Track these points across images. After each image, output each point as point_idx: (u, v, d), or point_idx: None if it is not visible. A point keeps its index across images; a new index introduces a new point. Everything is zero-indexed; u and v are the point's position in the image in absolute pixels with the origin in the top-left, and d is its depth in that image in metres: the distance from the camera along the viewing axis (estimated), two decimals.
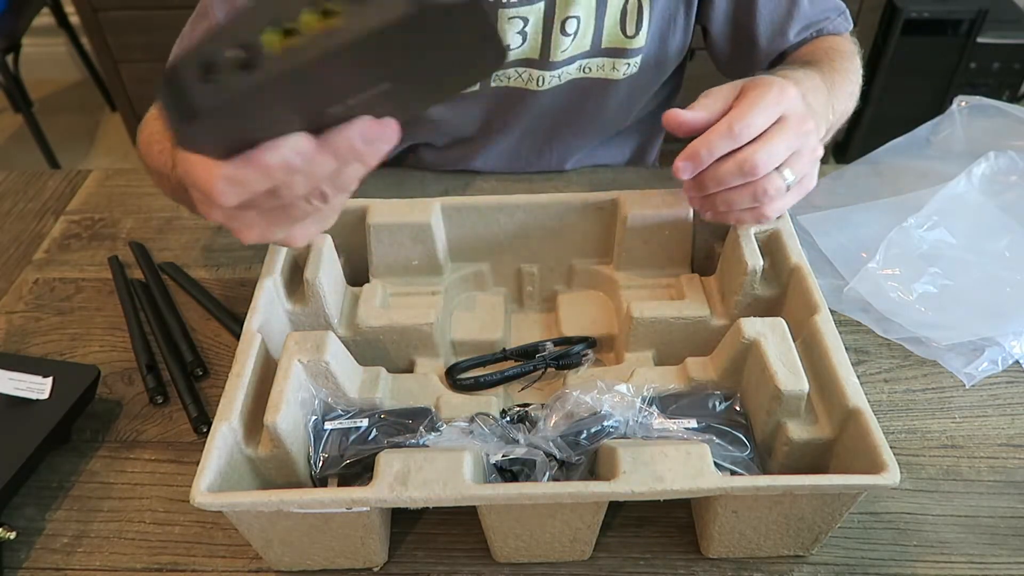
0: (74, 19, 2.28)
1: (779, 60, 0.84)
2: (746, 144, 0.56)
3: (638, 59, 0.80)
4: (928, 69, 1.94)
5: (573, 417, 0.53)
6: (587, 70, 0.81)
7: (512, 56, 0.79)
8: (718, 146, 0.55)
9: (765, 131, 0.56)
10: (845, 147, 2.10)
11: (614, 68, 0.81)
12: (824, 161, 0.65)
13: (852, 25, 0.86)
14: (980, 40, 1.88)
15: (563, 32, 0.77)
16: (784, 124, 0.56)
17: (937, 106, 1.97)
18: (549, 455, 0.52)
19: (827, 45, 0.81)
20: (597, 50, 0.79)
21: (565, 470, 0.52)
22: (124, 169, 0.94)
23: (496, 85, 0.81)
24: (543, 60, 0.79)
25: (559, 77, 0.80)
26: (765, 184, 0.57)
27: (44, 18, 2.26)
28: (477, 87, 0.81)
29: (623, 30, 0.78)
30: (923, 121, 0.87)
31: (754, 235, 0.63)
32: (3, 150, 2.42)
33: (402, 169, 0.91)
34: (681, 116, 0.57)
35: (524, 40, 0.77)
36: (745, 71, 0.81)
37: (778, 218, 0.65)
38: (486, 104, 0.83)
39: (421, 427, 0.54)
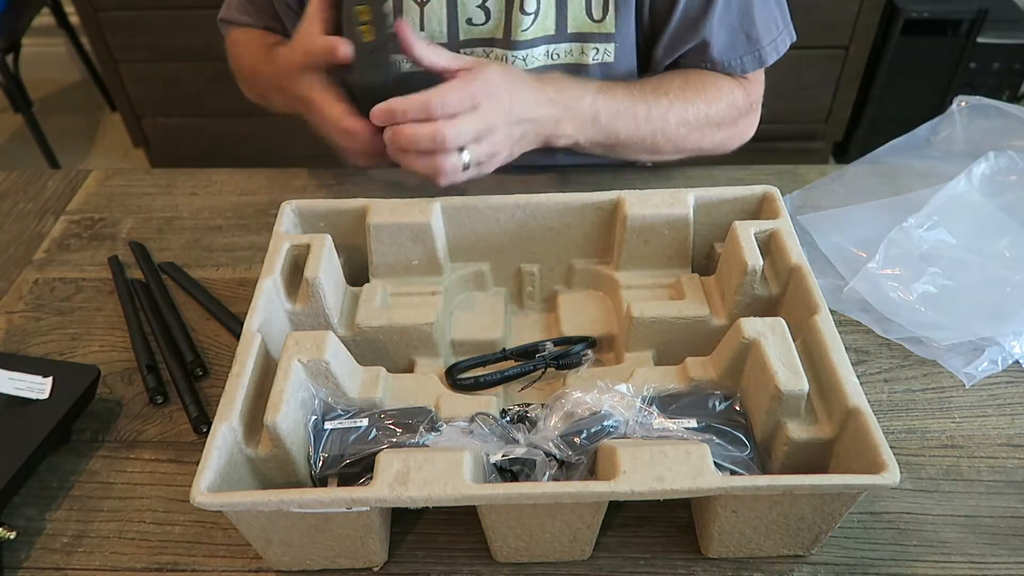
0: (74, 19, 2.28)
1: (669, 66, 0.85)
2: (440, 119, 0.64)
3: (611, 47, 0.80)
4: (928, 69, 1.94)
5: (573, 417, 0.54)
6: (555, 56, 0.81)
7: (476, 33, 0.79)
8: (412, 115, 0.64)
9: (460, 112, 0.64)
10: (845, 147, 2.10)
11: (583, 53, 0.80)
12: (824, 161, 0.65)
13: (763, 64, 0.83)
14: (980, 40, 1.88)
15: (523, 11, 0.77)
16: (477, 111, 0.65)
17: (937, 106, 1.97)
18: (549, 455, 0.52)
19: (692, 77, 0.82)
20: (564, 35, 0.79)
21: (565, 470, 0.52)
22: (124, 169, 0.94)
23: None
24: (506, 39, 0.79)
25: (524, 60, 0.80)
26: (443, 162, 0.65)
27: (44, 18, 2.26)
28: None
29: (589, 14, 0.78)
30: (923, 121, 0.87)
31: (754, 235, 0.63)
32: (3, 150, 2.42)
33: (402, 169, 0.91)
34: (409, 40, 0.67)
35: (488, 17, 0.78)
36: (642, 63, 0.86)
37: (777, 218, 0.65)
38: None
39: (421, 427, 0.54)
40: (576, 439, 0.52)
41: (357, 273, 0.69)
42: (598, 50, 0.80)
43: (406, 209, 0.66)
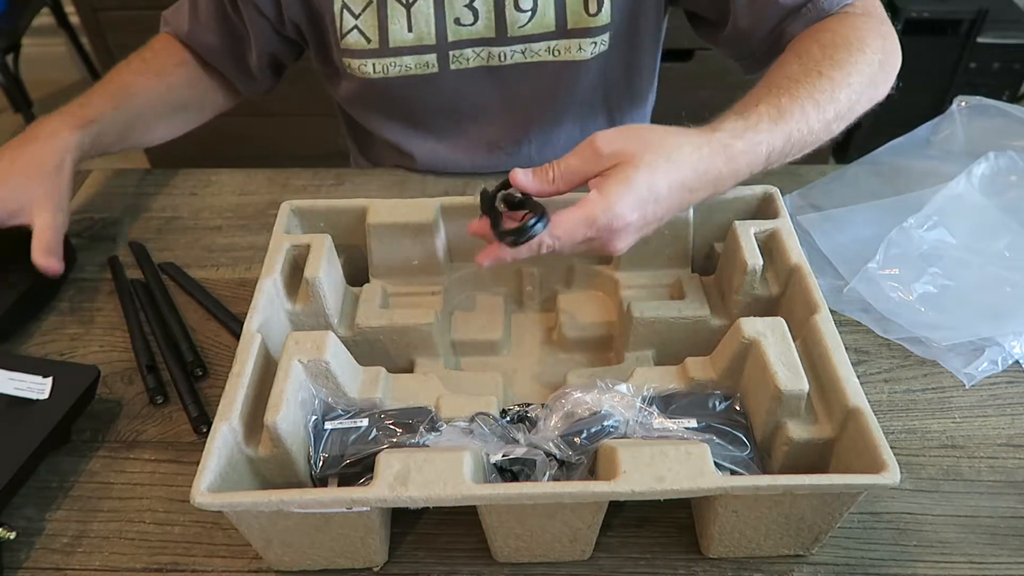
0: (74, 19, 2.28)
1: (775, 45, 0.76)
2: None
3: (606, 36, 0.80)
4: (928, 69, 1.94)
5: (573, 417, 0.53)
6: (556, 52, 0.81)
7: (465, 34, 0.79)
8: (522, 257, 0.57)
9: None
10: (845, 147, 2.09)
11: (580, 49, 0.80)
12: (824, 161, 0.65)
13: None
14: (980, 40, 1.88)
15: (518, 8, 0.77)
16: (593, 242, 0.57)
17: (937, 106, 1.96)
18: (549, 455, 0.52)
19: (826, 39, 0.70)
20: (563, 31, 0.79)
21: (565, 470, 0.52)
22: (124, 169, 0.94)
23: (457, 68, 0.81)
24: (500, 37, 0.79)
25: (523, 54, 0.80)
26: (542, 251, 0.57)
27: (44, 18, 2.26)
28: (436, 67, 0.81)
29: (585, 8, 0.78)
30: (923, 121, 0.87)
31: (754, 235, 0.63)
32: None
33: (402, 170, 0.91)
34: (519, 179, 0.58)
35: (476, 18, 0.78)
36: (742, 50, 0.79)
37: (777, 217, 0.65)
38: (453, 86, 0.84)
39: (421, 427, 0.54)
40: (576, 439, 0.52)
41: (357, 273, 0.69)
42: (595, 43, 0.80)
43: (406, 209, 0.66)
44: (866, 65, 0.69)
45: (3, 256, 0.73)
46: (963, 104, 0.86)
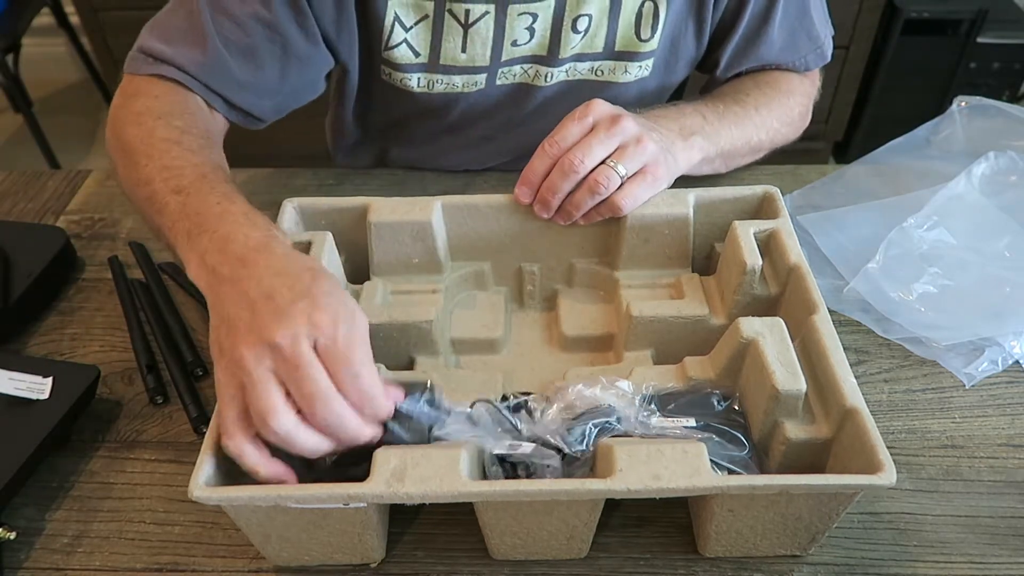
0: (74, 19, 2.28)
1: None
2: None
3: (650, 62, 0.81)
4: (928, 69, 1.94)
5: (575, 410, 0.53)
6: (599, 72, 0.81)
7: (518, 53, 0.78)
8: (540, 165, 0.64)
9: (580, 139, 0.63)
10: (845, 147, 2.10)
11: (626, 71, 0.81)
12: (824, 161, 0.65)
13: (825, 60, 0.87)
14: (980, 40, 1.88)
15: (574, 30, 0.77)
16: (596, 129, 0.63)
17: (937, 106, 1.97)
18: (551, 446, 0.52)
19: (763, 79, 0.84)
20: (611, 52, 0.79)
21: (566, 464, 0.52)
22: None
23: (501, 83, 0.81)
24: (551, 57, 0.79)
25: (566, 72, 0.81)
26: (596, 177, 0.62)
27: (44, 18, 2.26)
28: (483, 85, 0.81)
29: (637, 33, 0.78)
30: (923, 121, 0.87)
31: (754, 235, 0.63)
32: (3, 150, 2.42)
33: (403, 170, 0.91)
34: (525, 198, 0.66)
35: (532, 36, 0.77)
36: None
37: (777, 218, 0.65)
38: (492, 100, 0.83)
39: (423, 399, 0.53)
40: (577, 431, 0.52)
41: (358, 271, 0.69)
42: (640, 67, 0.81)
43: (407, 207, 0.66)
44: (785, 108, 0.83)
45: None
46: (963, 104, 0.86)
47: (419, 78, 0.80)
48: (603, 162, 0.63)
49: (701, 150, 0.71)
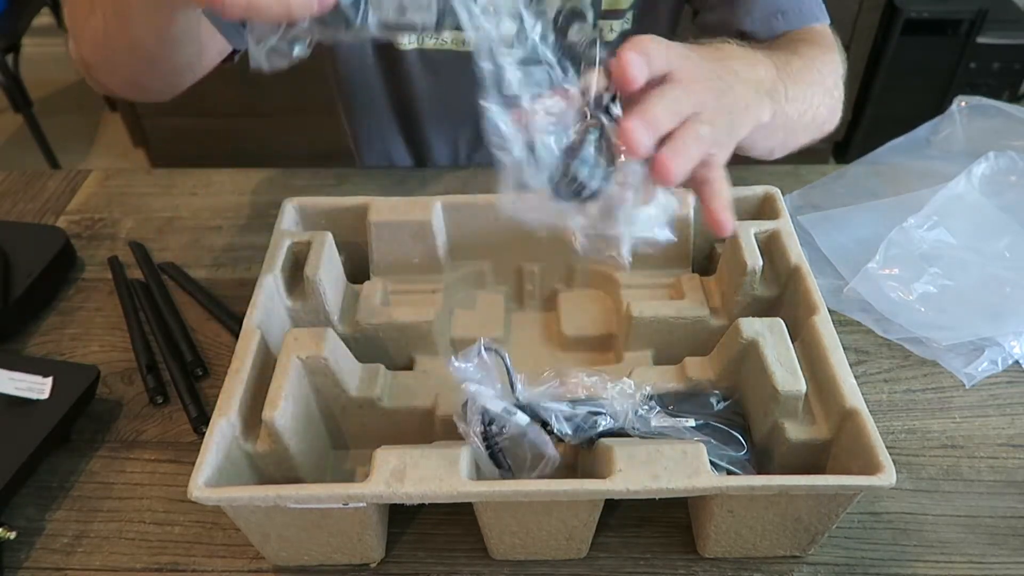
0: None
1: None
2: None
3: (630, 14, 0.81)
4: (928, 69, 1.94)
5: (573, 393, 0.53)
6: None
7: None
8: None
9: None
10: (845, 147, 2.10)
11: (611, 30, 0.81)
12: (824, 161, 0.65)
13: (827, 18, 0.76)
14: (980, 40, 1.88)
15: None
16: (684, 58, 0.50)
17: (937, 106, 1.96)
18: (546, 425, 0.51)
19: (799, 36, 0.72)
20: (599, 13, 0.80)
21: (562, 448, 0.52)
22: (124, 169, 0.95)
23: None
24: None
25: None
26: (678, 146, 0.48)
27: (44, 18, 2.26)
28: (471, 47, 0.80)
29: None
30: (923, 121, 0.87)
31: (754, 235, 0.63)
32: (3, 150, 2.42)
33: (403, 168, 0.91)
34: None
35: None
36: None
37: (777, 218, 0.65)
38: (466, 67, 0.83)
39: None
40: (569, 411, 0.51)
41: (358, 271, 0.69)
42: (623, 21, 0.82)
43: (407, 207, 0.66)
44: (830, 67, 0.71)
45: None
46: (963, 104, 0.87)
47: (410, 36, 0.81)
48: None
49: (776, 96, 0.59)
